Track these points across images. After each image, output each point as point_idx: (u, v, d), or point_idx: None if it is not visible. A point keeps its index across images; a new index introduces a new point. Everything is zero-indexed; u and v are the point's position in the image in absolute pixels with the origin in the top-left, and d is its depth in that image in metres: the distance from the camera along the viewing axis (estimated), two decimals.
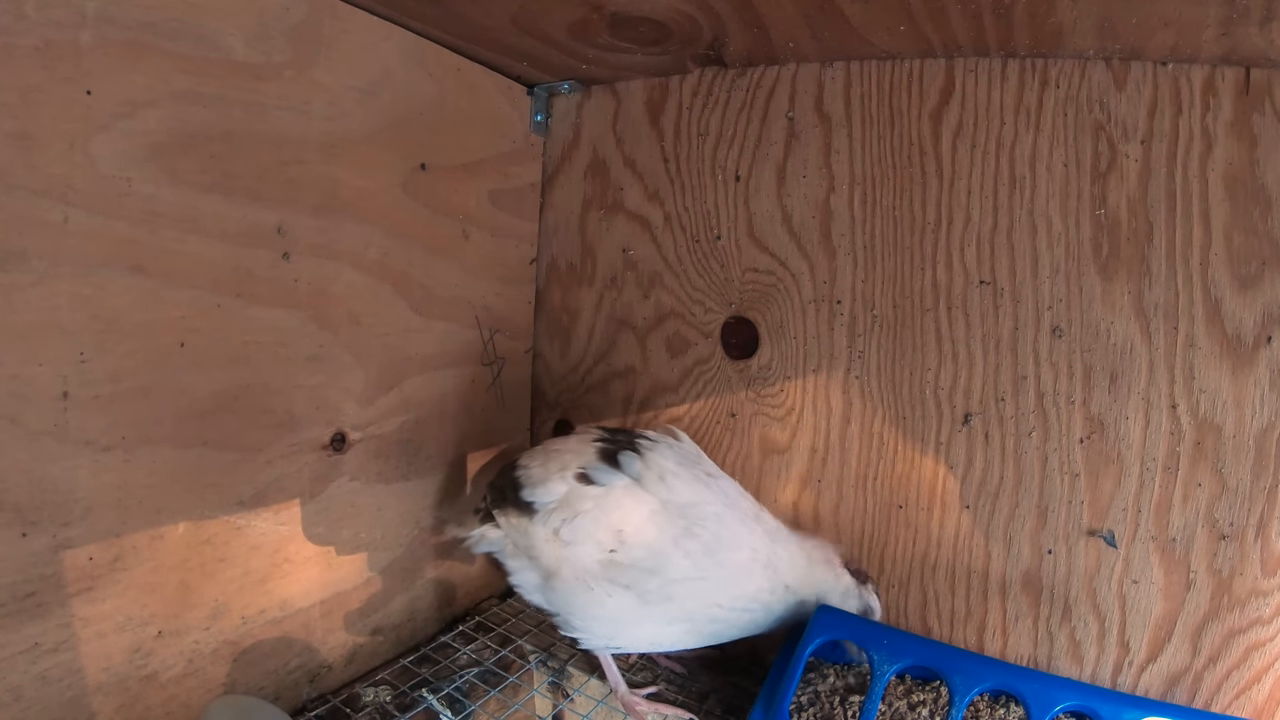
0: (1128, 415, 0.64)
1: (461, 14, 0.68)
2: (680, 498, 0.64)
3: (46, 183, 0.46)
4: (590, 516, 0.62)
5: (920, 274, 0.72)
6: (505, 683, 0.72)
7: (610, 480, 0.63)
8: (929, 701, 0.63)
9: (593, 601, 0.63)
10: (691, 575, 0.62)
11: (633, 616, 0.63)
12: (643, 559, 0.62)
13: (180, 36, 0.52)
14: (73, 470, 0.49)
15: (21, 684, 0.48)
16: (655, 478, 0.64)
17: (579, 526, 0.62)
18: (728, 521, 0.65)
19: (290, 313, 0.63)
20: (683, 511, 0.63)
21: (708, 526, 0.64)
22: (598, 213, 0.89)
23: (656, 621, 0.64)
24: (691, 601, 0.64)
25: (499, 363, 0.88)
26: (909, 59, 0.71)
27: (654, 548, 0.62)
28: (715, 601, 0.64)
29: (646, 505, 0.63)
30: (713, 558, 0.63)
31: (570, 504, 0.63)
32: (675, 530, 0.62)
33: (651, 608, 0.63)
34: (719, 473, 0.70)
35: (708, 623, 0.65)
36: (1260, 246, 0.60)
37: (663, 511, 0.63)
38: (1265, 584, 0.60)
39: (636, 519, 0.62)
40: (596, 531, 0.62)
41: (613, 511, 0.62)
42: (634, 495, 0.63)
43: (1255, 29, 0.54)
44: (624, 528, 0.62)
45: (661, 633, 0.65)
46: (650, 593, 0.62)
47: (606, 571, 0.62)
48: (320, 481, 0.67)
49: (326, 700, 0.68)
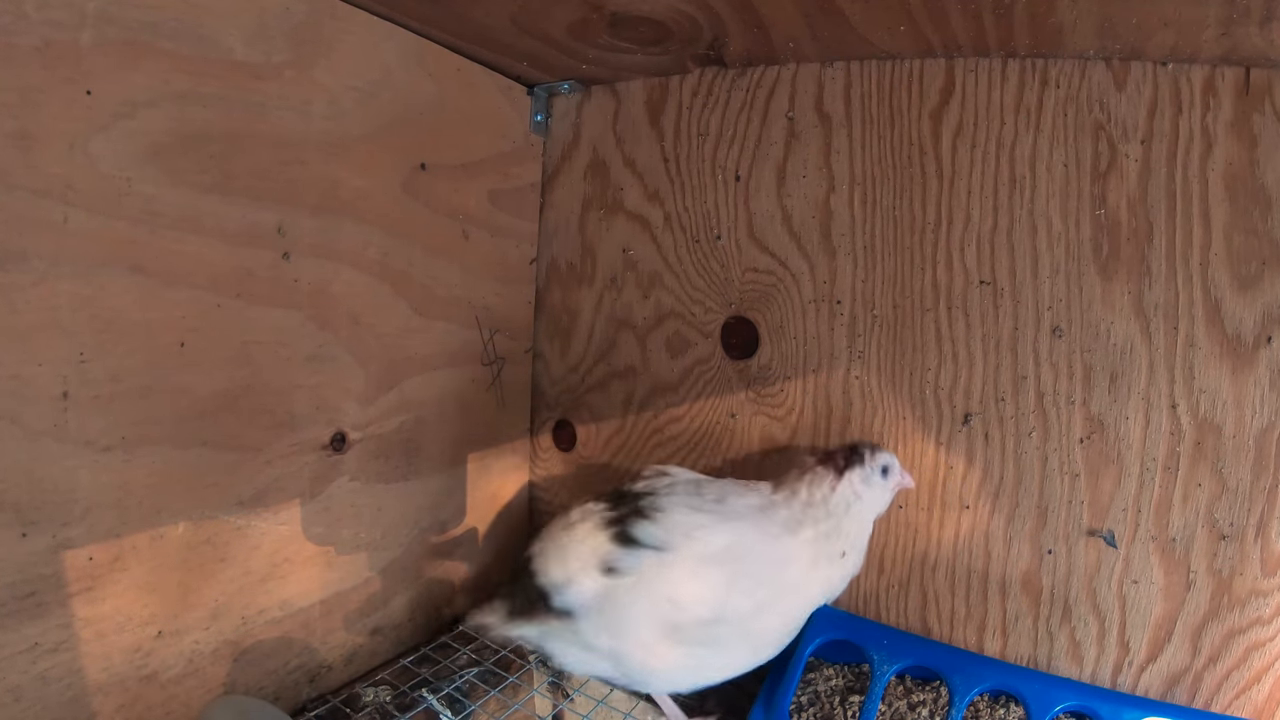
0: (1128, 415, 0.64)
1: (461, 14, 0.68)
2: (713, 547, 0.61)
3: (46, 183, 0.46)
4: (636, 604, 0.60)
5: (920, 274, 0.72)
6: (505, 683, 0.72)
7: (637, 563, 0.61)
8: (929, 702, 0.63)
9: (662, 665, 0.61)
10: (757, 610, 0.62)
11: (699, 664, 0.62)
12: (703, 614, 0.60)
13: (180, 36, 0.52)
14: (73, 470, 0.49)
15: (21, 684, 0.48)
16: (681, 538, 0.61)
17: (628, 615, 0.60)
18: (766, 545, 0.63)
19: (290, 313, 0.63)
20: (722, 558, 0.61)
21: (752, 559, 0.62)
22: (598, 213, 0.89)
23: (724, 657, 0.63)
24: (759, 633, 0.63)
25: (499, 363, 0.88)
26: (909, 59, 0.71)
27: (710, 600, 0.60)
28: (794, 618, 0.64)
29: (686, 567, 0.61)
30: (766, 587, 0.62)
31: (610, 598, 0.60)
32: (724, 576, 0.61)
33: (719, 649, 0.62)
34: (718, 488, 0.68)
35: (772, 640, 0.64)
36: (1260, 246, 0.59)
37: (704, 565, 0.61)
38: (1265, 584, 0.60)
39: (683, 583, 0.60)
40: (650, 610, 0.60)
41: (657, 587, 0.60)
42: (669, 564, 0.61)
43: (1255, 29, 0.54)
44: (674, 594, 0.60)
45: (730, 664, 0.64)
46: (727, 639, 0.62)
47: (671, 636, 0.60)
48: (320, 481, 0.67)
49: (326, 700, 0.68)
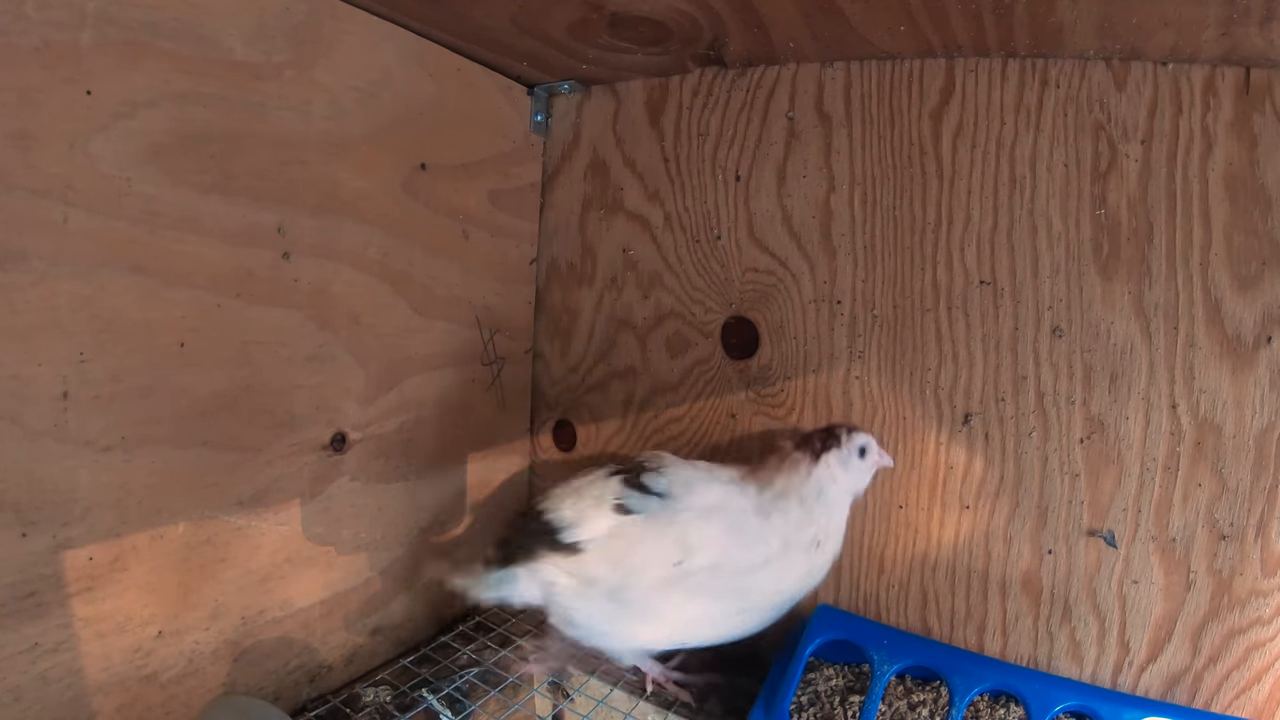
0: (1128, 415, 0.64)
1: (461, 14, 0.68)
2: (710, 499, 0.66)
3: (46, 183, 0.46)
4: (649, 542, 0.63)
5: (920, 274, 0.72)
6: (505, 683, 0.72)
7: (647, 505, 0.65)
8: (929, 702, 0.63)
9: (665, 611, 0.64)
10: (753, 564, 0.64)
11: (702, 615, 0.65)
12: (707, 559, 0.63)
13: (180, 36, 0.52)
14: (73, 470, 0.49)
15: (21, 684, 0.48)
16: (683, 488, 0.66)
17: (637, 549, 0.63)
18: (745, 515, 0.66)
19: (290, 313, 0.63)
20: (718, 510, 0.65)
21: (746, 519, 0.65)
22: (598, 213, 0.89)
23: (728, 616, 0.65)
24: (755, 596, 0.65)
25: (499, 363, 0.88)
26: (909, 59, 0.71)
27: (715, 546, 0.63)
28: (778, 588, 0.65)
29: (692, 512, 0.64)
30: (763, 544, 0.64)
31: (623, 534, 0.64)
32: (722, 525, 0.64)
33: (726, 602, 0.64)
34: (706, 466, 0.71)
35: (769, 605, 0.66)
36: (1260, 246, 0.59)
37: (706, 513, 0.64)
38: (1265, 584, 0.60)
39: (692, 525, 0.64)
40: (659, 547, 0.63)
41: (669, 527, 0.63)
42: (674, 508, 0.65)
43: (1255, 29, 0.54)
44: (684, 536, 0.63)
45: (727, 625, 0.66)
46: (724, 590, 0.64)
47: (677, 582, 0.63)
48: (320, 481, 0.67)
49: (326, 700, 0.68)
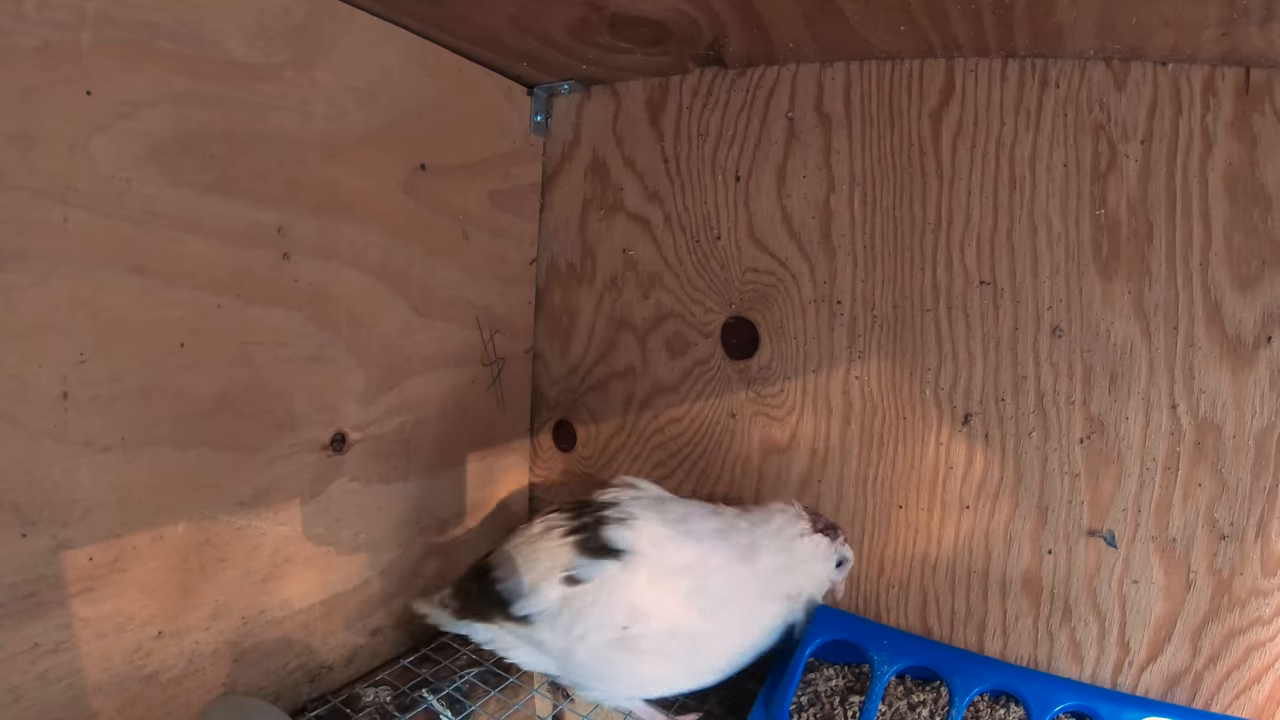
0: (1128, 415, 0.64)
1: (461, 14, 0.68)
2: (677, 559, 0.63)
3: (46, 183, 0.46)
4: (598, 608, 0.60)
5: (920, 274, 0.72)
6: (505, 683, 0.72)
7: (599, 571, 0.61)
8: (929, 702, 0.63)
9: (612, 672, 0.62)
10: (712, 630, 0.62)
11: (654, 675, 0.63)
12: (660, 625, 0.61)
13: (180, 36, 0.52)
14: (73, 470, 0.49)
15: (21, 684, 0.48)
16: (649, 544, 0.62)
17: (590, 620, 0.60)
18: (725, 572, 0.63)
19: (290, 313, 0.63)
20: (682, 572, 0.62)
21: (712, 580, 0.63)
22: (598, 213, 0.89)
23: (683, 676, 0.64)
24: (710, 659, 0.63)
25: (499, 363, 0.88)
26: (909, 59, 0.71)
27: (668, 612, 0.61)
28: (737, 649, 0.64)
29: (646, 575, 0.61)
30: (725, 609, 0.62)
31: (571, 604, 0.61)
32: (684, 588, 0.61)
33: (676, 664, 0.62)
34: (682, 507, 0.67)
35: (729, 663, 0.65)
36: (1260, 246, 0.59)
37: (666, 576, 0.62)
38: (1265, 584, 0.60)
39: (644, 592, 0.61)
40: (610, 616, 0.60)
41: (619, 592, 0.60)
42: (631, 570, 0.61)
43: (1255, 29, 0.54)
44: (634, 602, 0.60)
45: (687, 682, 0.65)
46: (676, 652, 0.62)
47: (625, 645, 0.61)
48: (320, 482, 0.67)
49: (326, 700, 0.68)
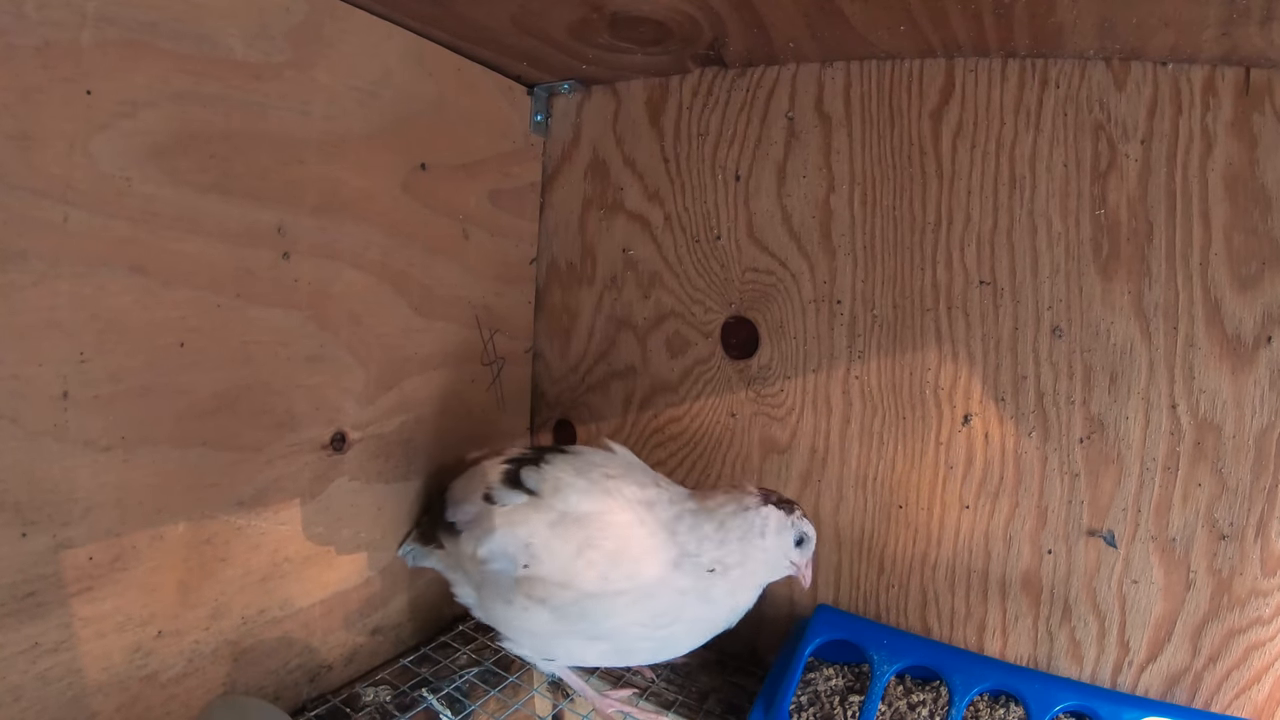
0: (1128, 415, 0.64)
1: (461, 14, 0.68)
2: (578, 508, 0.63)
3: (46, 183, 0.46)
4: (500, 533, 0.63)
5: (920, 274, 0.72)
6: (505, 683, 0.72)
7: (510, 499, 0.65)
8: (929, 701, 0.63)
9: (514, 615, 0.63)
10: (604, 589, 0.61)
11: (553, 632, 0.63)
12: (553, 572, 0.61)
13: (180, 36, 0.52)
14: (73, 470, 0.49)
15: (21, 684, 0.48)
16: (551, 488, 0.64)
17: (492, 544, 0.63)
18: (631, 529, 0.63)
19: (290, 313, 0.63)
20: (581, 522, 0.62)
21: (609, 534, 0.62)
22: (598, 213, 0.89)
23: (577, 639, 0.63)
24: (607, 620, 0.61)
25: (499, 363, 0.88)
26: (909, 59, 0.71)
27: (560, 559, 0.61)
28: (635, 620, 0.62)
29: (546, 517, 0.63)
30: (620, 569, 0.61)
31: (481, 523, 0.65)
32: (577, 540, 0.61)
33: (569, 624, 0.62)
34: (623, 472, 0.67)
35: (635, 640, 0.63)
36: (1260, 246, 0.59)
37: (561, 522, 0.62)
38: (1265, 584, 0.60)
39: (540, 531, 0.62)
40: (508, 547, 0.63)
41: (519, 526, 0.63)
42: (535, 508, 0.64)
43: (1255, 29, 0.54)
44: (531, 541, 0.62)
45: (585, 651, 0.64)
46: (566, 608, 0.61)
47: (523, 587, 0.62)
48: (320, 481, 0.67)
49: (326, 700, 0.68)
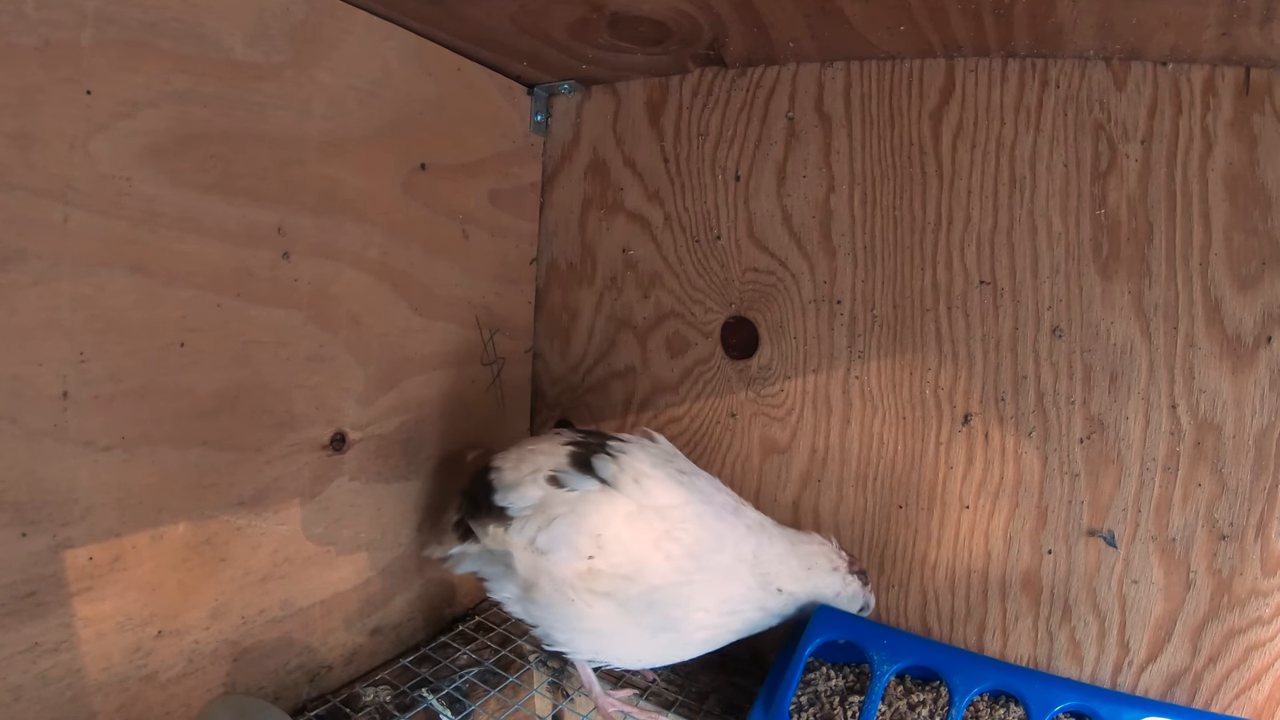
0: (1128, 415, 0.64)
1: (461, 14, 0.68)
2: (658, 500, 0.62)
3: (46, 183, 0.46)
4: (567, 521, 0.60)
5: (920, 274, 0.72)
6: (505, 683, 0.72)
7: (583, 485, 0.61)
8: (929, 701, 0.63)
9: (574, 613, 0.60)
10: (674, 580, 0.60)
11: (616, 628, 0.61)
12: (622, 564, 0.59)
13: (180, 36, 0.52)
14: (73, 470, 0.49)
15: (21, 684, 0.48)
16: (630, 480, 0.62)
17: (555, 533, 0.60)
18: (708, 521, 0.63)
19: (290, 313, 0.63)
20: (661, 514, 0.61)
21: (688, 528, 0.61)
22: (598, 213, 0.89)
23: (641, 631, 0.62)
24: (676, 609, 0.61)
25: (499, 363, 0.88)
26: (909, 59, 0.71)
27: (633, 552, 0.60)
28: (701, 606, 0.62)
29: (623, 508, 0.60)
30: (695, 560, 0.61)
31: (545, 510, 0.61)
32: (655, 533, 0.60)
33: (635, 617, 0.61)
34: (694, 469, 0.68)
35: (695, 629, 0.63)
36: (1260, 246, 0.60)
37: (640, 514, 0.60)
38: (1265, 584, 0.60)
39: (615, 523, 0.60)
40: (574, 538, 0.59)
41: (590, 516, 0.60)
42: (610, 498, 0.61)
43: (1255, 29, 0.54)
44: (602, 532, 0.59)
45: (647, 645, 0.63)
46: (632, 600, 0.60)
47: (585, 581, 0.59)
48: (320, 481, 0.67)
49: (326, 700, 0.68)
